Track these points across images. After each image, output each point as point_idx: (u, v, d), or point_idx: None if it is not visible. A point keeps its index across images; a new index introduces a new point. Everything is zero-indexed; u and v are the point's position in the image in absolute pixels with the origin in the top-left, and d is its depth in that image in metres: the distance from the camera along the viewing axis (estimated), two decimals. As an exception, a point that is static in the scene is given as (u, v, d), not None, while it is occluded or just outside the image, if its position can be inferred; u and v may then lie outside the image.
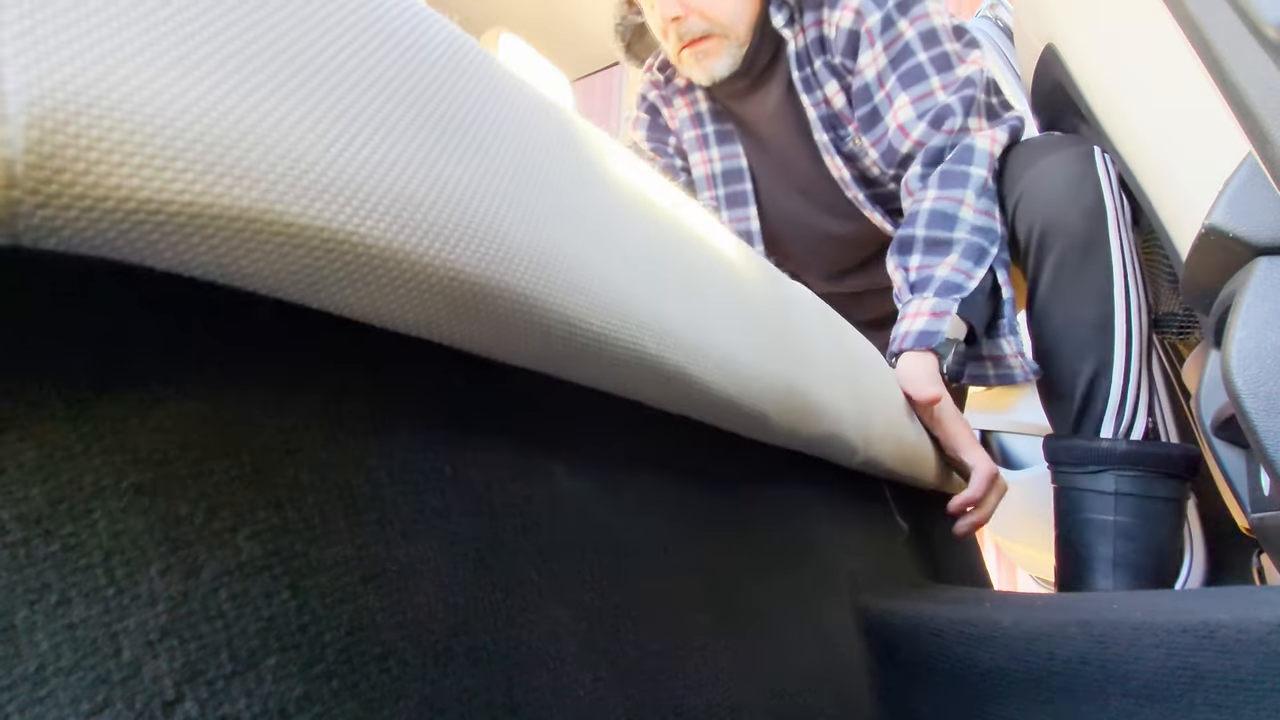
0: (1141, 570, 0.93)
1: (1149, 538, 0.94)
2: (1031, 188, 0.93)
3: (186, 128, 0.17)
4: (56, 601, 0.17)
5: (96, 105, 0.15)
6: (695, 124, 1.19)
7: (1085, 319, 0.92)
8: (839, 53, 1.02)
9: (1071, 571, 0.98)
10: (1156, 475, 0.94)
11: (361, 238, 0.20)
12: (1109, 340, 0.92)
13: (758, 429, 0.45)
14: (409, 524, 0.25)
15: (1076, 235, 0.91)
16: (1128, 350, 0.92)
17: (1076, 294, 0.92)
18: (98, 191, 0.15)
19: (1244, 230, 0.57)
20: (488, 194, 0.25)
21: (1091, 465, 0.95)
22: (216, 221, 0.17)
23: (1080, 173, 0.91)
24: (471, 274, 0.24)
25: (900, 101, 0.98)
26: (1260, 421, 0.54)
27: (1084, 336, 0.93)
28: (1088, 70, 0.85)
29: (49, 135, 0.15)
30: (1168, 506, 0.95)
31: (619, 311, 0.30)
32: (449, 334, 0.25)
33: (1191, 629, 0.42)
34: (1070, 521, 0.98)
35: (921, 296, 0.90)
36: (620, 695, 0.32)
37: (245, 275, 0.19)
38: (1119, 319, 0.92)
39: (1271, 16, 0.47)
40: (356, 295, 0.22)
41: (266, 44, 0.19)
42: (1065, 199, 0.91)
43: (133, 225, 0.16)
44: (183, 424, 0.20)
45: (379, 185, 0.21)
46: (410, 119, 0.23)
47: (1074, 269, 0.91)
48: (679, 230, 0.39)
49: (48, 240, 0.16)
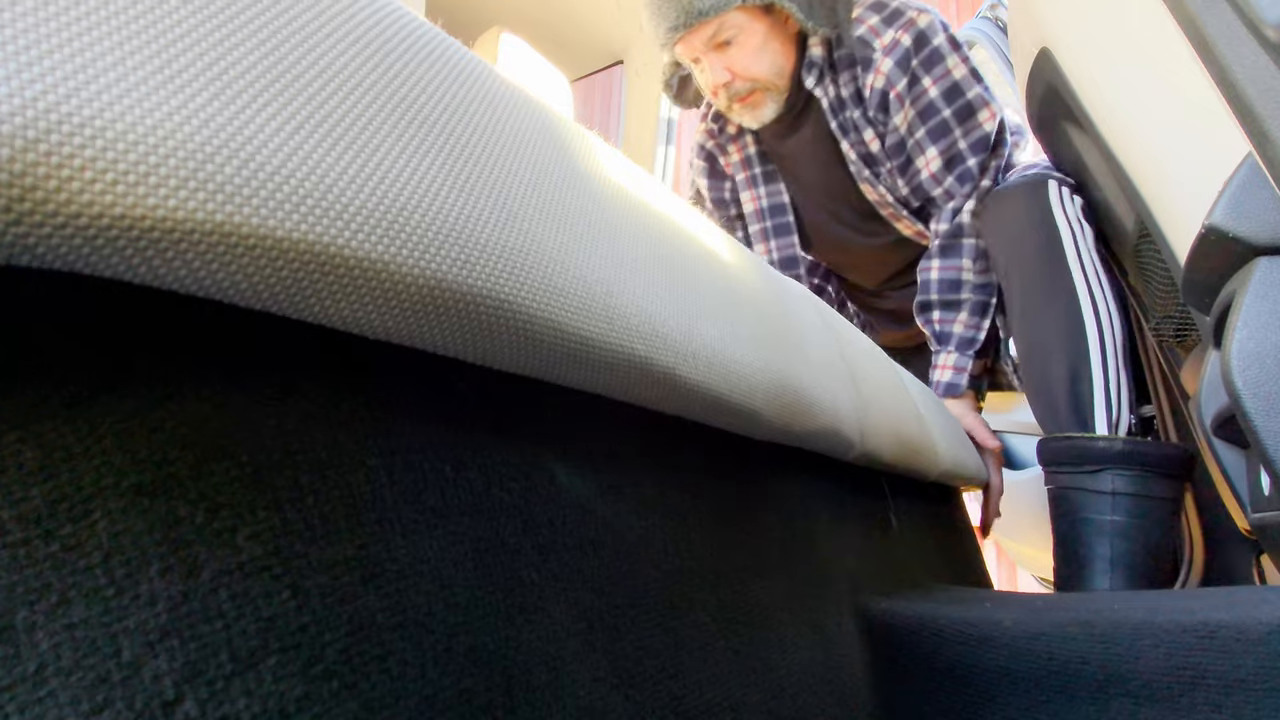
0: (1139, 569, 0.96)
1: (1146, 537, 0.97)
2: (994, 234, 1.15)
3: (160, 143, 0.16)
4: (56, 601, 0.17)
5: (68, 122, 0.15)
6: (745, 167, 1.41)
7: (1058, 330, 1.06)
8: (873, 108, 1.21)
9: (1070, 571, 1.00)
10: (1154, 475, 0.98)
11: (339, 249, 0.20)
12: (1083, 344, 1.04)
13: (749, 425, 0.44)
14: (409, 524, 0.25)
15: (1038, 267, 1.08)
16: (1103, 351, 1.04)
17: (1047, 312, 1.07)
18: (70, 209, 0.15)
19: (1244, 230, 0.57)
20: (468, 199, 0.24)
21: (1090, 464, 0.99)
22: (191, 236, 0.17)
23: (1035, 213, 1.10)
24: (454, 282, 0.23)
25: (930, 154, 1.19)
26: (1260, 422, 0.54)
27: (1060, 345, 1.06)
28: (1084, 74, 0.85)
29: (19, 154, 0.14)
30: (1165, 506, 0.99)
31: (605, 313, 0.30)
32: (436, 343, 0.25)
33: (1191, 629, 0.42)
34: (1068, 522, 1.01)
35: (946, 351, 1.19)
36: (620, 695, 0.32)
37: (222, 289, 0.19)
38: (1090, 325, 1.04)
39: (1271, 16, 0.47)
40: (337, 307, 0.21)
41: (240, 56, 0.19)
42: (1023, 239, 1.10)
43: (106, 241, 0.16)
44: (183, 424, 0.20)
45: (357, 196, 0.21)
46: (390, 126, 0.22)
47: (1042, 295, 1.08)
48: (666, 230, 0.38)
49: (21, 258, 0.15)
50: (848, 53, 1.20)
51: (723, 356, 0.39)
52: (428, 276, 0.22)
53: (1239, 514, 0.66)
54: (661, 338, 0.33)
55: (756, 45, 1.18)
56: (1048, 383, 1.06)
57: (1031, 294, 1.09)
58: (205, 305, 0.21)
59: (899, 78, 1.16)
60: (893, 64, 1.16)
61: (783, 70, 1.21)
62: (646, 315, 0.33)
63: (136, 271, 0.17)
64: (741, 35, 1.17)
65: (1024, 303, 1.10)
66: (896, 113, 1.19)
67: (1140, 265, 0.96)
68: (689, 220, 0.42)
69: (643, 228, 0.36)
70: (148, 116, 0.16)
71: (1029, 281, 1.09)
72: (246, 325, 0.22)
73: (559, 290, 0.28)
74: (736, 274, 0.45)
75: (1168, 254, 0.72)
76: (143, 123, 0.16)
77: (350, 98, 0.21)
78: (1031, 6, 0.96)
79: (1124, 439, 1.00)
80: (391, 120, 0.23)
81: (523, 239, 0.26)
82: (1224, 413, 0.64)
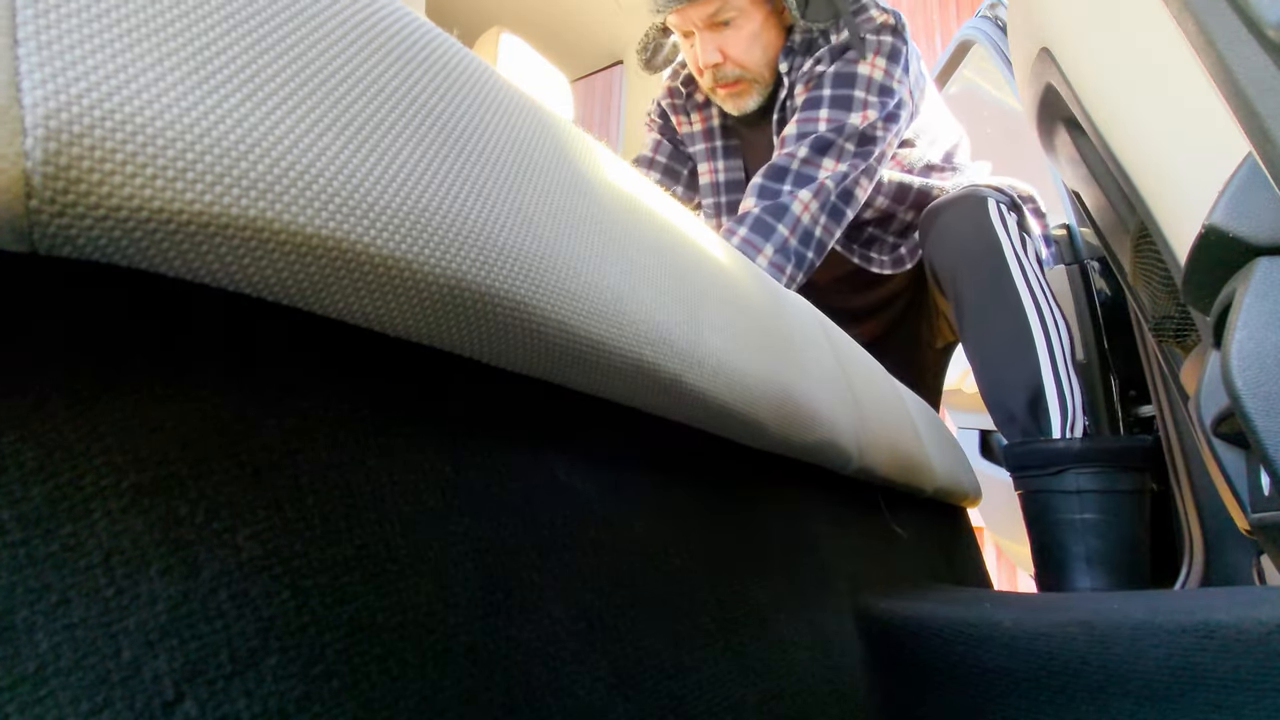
0: (1116, 565, 0.98)
1: (1119, 532, 1.00)
2: (939, 241, 1.17)
3: (197, 139, 0.17)
4: (56, 601, 0.17)
5: (111, 118, 0.16)
6: (707, 138, 1.36)
7: (1007, 338, 1.09)
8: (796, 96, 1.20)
9: (1050, 575, 1.02)
10: (1115, 469, 1.01)
11: (365, 247, 0.21)
12: (1033, 353, 1.07)
13: (753, 436, 0.45)
14: (409, 524, 0.25)
15: (983, 276, 1.12)
16: (1051, 358, 1.07)
17: (996, 321, 1.10)
18: (111, 201, 0.16)
19: (1244, 230, 0.57)
20: (487, 203, 0.25)
21: (1052, 466, 1.03)
22: (225, 230, 0.18)
23: (974, 224, 1.14)
24: (472, 282, 0.24)
25: (790, 121, 1.14)
26: (1260, 422, 0.54)
27: (1011, 353, 1.09)
28: (1084, 74, 0.85)
29: (65, 147, 0.15)
30: (1131, 499, 1.02)
31: (615, 319, 0.30)
32: (453, 342, 0.25)
33: (1191, 629, 0.42)
34: (1042, 525, 1.04)
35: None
36: (620, 695, 0.32)
37: (252, 283, 0.19)
38: (1037, 332, 1.08)
39: (1271, 16, 0.47)
40: (360, 303, 0.22)
41: (273, 58, 0.20)
42: (966, 249, 1.14)
43: (145, 234, 0.17)
44: (183, 424, 0.20)
45: (383, 195, 0.21)
46: (412, 130, 0.23)
47: (990, 304, 1.11)
48: (674, 239, 0.39)
49: (63, 248, 0.16)
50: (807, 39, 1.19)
51: (728, 366, 0.39)
52: (449, 276, 0.23)
53: (1239, 514, 0.66)
54: (669, 344, 0.34)
55: (752, 32, 1.17)
56: (1002, 392, 1.09)
57: (980, 304, 1.12)
58: (205, 305, 0.21)
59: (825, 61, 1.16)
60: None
61: (770, 62, 1.21)
62: (655, 322, 0.33)
63: (171, 264, 0.18)
64: (740, 19, 1.16)
65: (973, 314, 1.13)
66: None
67: (1140, 265, 0.96)
68: (694, 230, 0.42)
69: (651, 237, 0.36)
70: (185, 115, 0.17)
71: (976, 292, 1.12)
72: (247, 325, 0.22)
73: (571, 294, 0.28)
74: (740, 285, 0.45)
75: (1168, 254, 0.72)
76: (180, 121, 0.17)
77: (374, 101, 0.22)
78: (1031, 6, 0.95)
79: (1080, 438, 1.03)
80: (414, 124, 0.23)
81: (538, 244, 0.27)
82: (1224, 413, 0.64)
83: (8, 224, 0.15)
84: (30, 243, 0.16)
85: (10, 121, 0.15)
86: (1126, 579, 0.98)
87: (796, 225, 1.06)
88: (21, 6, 0.15)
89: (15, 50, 0.15)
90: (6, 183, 0.15)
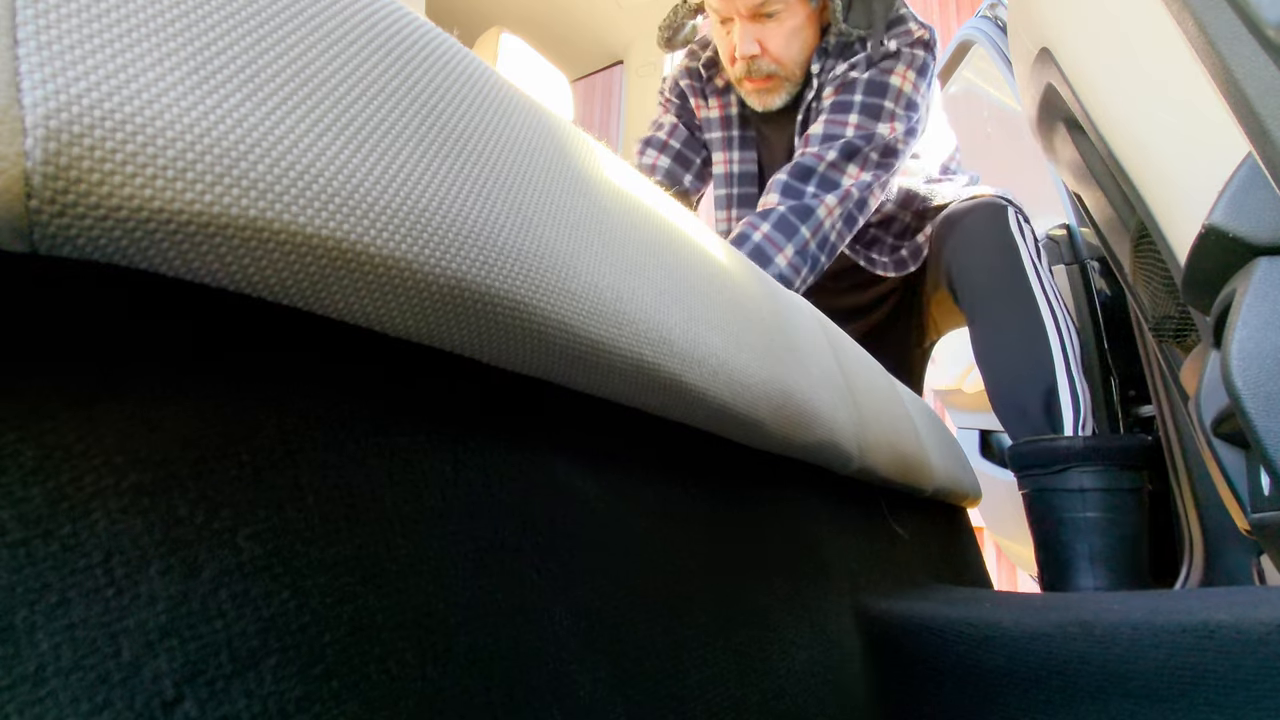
0: (1121, 563, 1.00)
1: (1121, 530, 1.02)
2: (961, 246, 1.20)
3: (197, 139, 0.17)
4: (56, 601, 0.17)
5: (111, 118, 0.16)
6: (724, 126, 1.34)
7: (1024, 341, 1.12)
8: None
9: (1054, 573, 1.03)
10: (1116, 467, 1.04)
11: (365, 247, 0.21)
12: (1048, 353, 1.10)
13: (753, 436, 0.45)
14: (409, 524, 0.25)
15: (1001, 283, 1.15)
16: (1065, 361, 1.10)
17: (1012, 325, 1.13)
18: (111, 202, 0.16)
19: (1244, 230, 0.56)
20: (486, 203, 0.25)
21: (1058, 464, 1.05)
22: (225, 230, 0.18)
23: (995, 232, 1.17)
24: (472, 282, 0.24)
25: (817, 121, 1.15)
26: (1260, 422, 0.54)
27: (1028, 353, 1.11)
28: (1084, 74, 0.85)
29: (65, 148, 0.15)
30: (1132, 498, 1.04)
31: (615, 319, 0.30)
32: (454, 342, 0.25)
33: (1191, 629, 0.42)
34: (1046, 524, 1.06)
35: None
36: (620, 695, 0.32)
37: (252, 283, 0.19)
38: (1052, 336, 1.11)
39: (1272, 16, 0.47)
40: (360, 303, 0.22)
41: (273, 58, 0.20)
42: (985, 255, 1.17)
43: (145, 234, 0.17)
44: (183, 424, 0.20)
45: (383, 195, 0.21)
46: (412, 130, 0.23)
47: (1004, 306, 1.14)
48: (674, 239, 0.39)
49: (63, 248, 0.16)
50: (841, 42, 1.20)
51: (728, 366, 0.39)
52: (449, 276, 0.23)
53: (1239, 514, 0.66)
54: (669, 344, 0.34)
55: (793, 27, 1.17)
56: (1017, 392, 1.11)
57: (999, 306, 1.15)
58: (205, 306, 0.21)
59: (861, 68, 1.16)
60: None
61: (804, 61, 1.21)
62: (654, 322, 0.33)
63: (171, 264, 0.18)
64: (785, 13, 1.16)
65: (990, 315, 1.16)
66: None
67: (1140, 265, 0.96)
68: (695, 230, 0.42)
69: (650, 236, 0.36)
70: (185, 115, 0.17)
71: (995, 294, 1.15)
72: (247, 325, 0.22)
73: (571, 294, 0.28)
74: (740, 285, 0.45)
75: (1168, 254, 0.72)
76: (180, 121, 0.17)
77: (374, 102, 0.22)
78: (1031, 6, 0.95)
79: (1084, 437, 1.06)
80: (414, 125, 0.23)
81: (537, 244, 0.27)
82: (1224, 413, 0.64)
83: (8, 224, 0.15)
84: (30, 243, 0.16)
85: (10, 121, 0.15)
86: (1127, 577, 0.99)
87: (819, 229, 1.08)
88: (21, 6, 0.15)
89: (15, 50, 0.15)
90: (6, 183, 0.15)
